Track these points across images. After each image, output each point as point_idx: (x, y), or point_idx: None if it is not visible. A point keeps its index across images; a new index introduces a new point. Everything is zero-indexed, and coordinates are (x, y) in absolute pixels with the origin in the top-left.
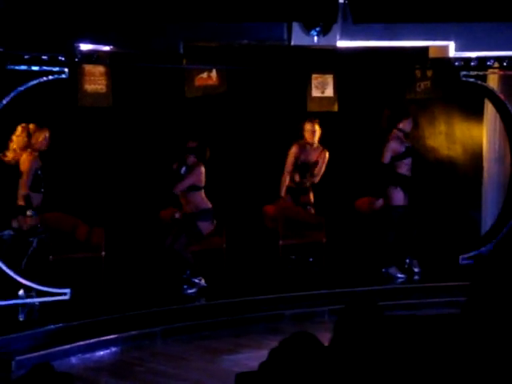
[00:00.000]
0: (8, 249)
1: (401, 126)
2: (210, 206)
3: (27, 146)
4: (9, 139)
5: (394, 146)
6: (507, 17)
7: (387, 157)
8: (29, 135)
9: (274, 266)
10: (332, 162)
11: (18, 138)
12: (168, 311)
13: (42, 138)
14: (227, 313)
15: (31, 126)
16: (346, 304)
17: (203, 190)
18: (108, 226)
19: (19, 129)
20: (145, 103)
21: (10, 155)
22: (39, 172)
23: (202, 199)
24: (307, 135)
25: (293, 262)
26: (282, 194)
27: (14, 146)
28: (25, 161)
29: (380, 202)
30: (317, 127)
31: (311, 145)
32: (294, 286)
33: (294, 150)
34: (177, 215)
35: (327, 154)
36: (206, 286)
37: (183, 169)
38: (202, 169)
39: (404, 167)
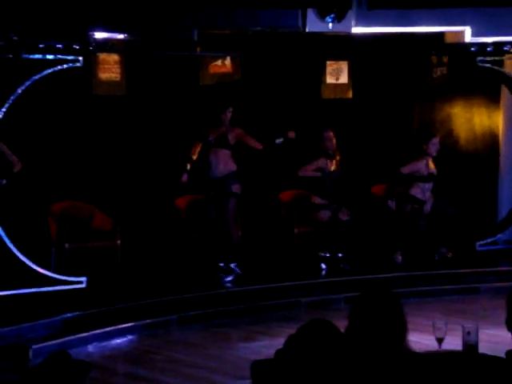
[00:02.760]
0: None
1: (426, 149)
2: None
3: None
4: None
5: (417, 167)
6: None
7: (406, 170)
8: None
9: (289, 253)
10: (347, 148)
11: None
12: (184, 299)
13: None
14: (243, 301)
15: None
16: (361, 291)
17: None
18: (123, 214)
19: None
20: (159, 91)
21: None
22: None
23: None
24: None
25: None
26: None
27: None
28: None
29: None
30: None
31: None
32: (310, 274)
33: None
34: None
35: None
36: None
37: None
38: None
39: (418, 189)
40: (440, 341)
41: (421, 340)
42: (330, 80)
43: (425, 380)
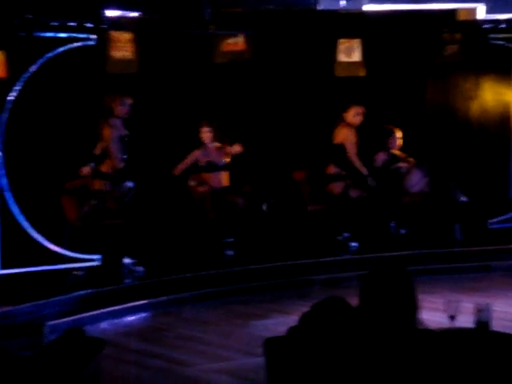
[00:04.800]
0: None
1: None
2: None
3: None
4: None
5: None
6: None
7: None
8: None
9: (302, 231)
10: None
11: None
12: (197, 277)
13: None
14: (256, 278)
15: None
16: (370, 268)
17: None
18: (135, 192)
19: None
20: (172, 69)
21: None
22: None
23: None
24: None
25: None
26: None
27: None
28: None
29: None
30: None
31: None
32: (324, 252)
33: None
34: None
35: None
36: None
37: None
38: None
39: None
40: (452, 318)
41: (433, 317)
42: (342, 58)
43: (436, 356)
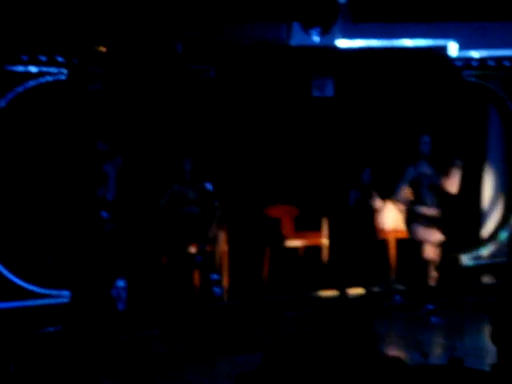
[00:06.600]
0: None
1: None
2: None
3: None
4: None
5: None
6: (509, 16)
7: None
8: None
9: (276, 267)
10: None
11: None
12: (168, 313)
13: None
14: (229, 315)
15: None
16: (319, 308)
17: None
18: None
19: None
20: (145, 103)
21: None
22: None
23: None
24: None
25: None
26: None
27: None
28: None
29: None
30: None
31: None
32: (296, 288)
33: None
34: None
35: None
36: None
37: None
38: None
39: None
40: (425, 356)
41: (405, 354)
42: (316, 93)
43: None
